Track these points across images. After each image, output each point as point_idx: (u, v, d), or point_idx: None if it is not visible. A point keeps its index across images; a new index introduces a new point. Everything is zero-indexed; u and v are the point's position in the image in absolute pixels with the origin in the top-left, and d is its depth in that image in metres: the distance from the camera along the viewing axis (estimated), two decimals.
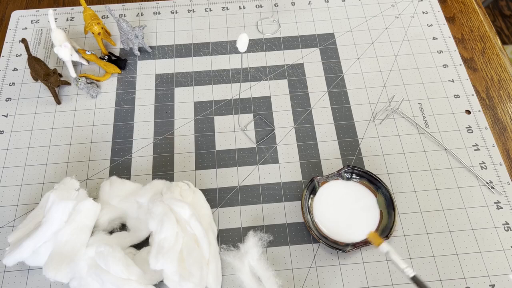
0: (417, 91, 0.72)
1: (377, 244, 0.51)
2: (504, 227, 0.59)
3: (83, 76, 0.72)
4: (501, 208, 0.61)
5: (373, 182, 0.60)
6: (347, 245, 0.56)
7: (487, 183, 0.62)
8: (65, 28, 0.80)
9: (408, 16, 0.81)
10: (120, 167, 0.65)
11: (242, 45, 0.50)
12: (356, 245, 0.56)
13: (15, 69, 0.75)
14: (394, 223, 0.57)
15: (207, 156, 0.66)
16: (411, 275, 0.47)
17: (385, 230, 0.57)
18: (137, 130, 0.68)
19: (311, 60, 0.75)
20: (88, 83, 0.70)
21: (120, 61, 0.74)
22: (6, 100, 0.72)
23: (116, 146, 0.67)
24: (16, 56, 0.76)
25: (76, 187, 0.57)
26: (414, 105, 0.70)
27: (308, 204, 0.59)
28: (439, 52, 0.76)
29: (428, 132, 0.67)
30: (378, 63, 0.75)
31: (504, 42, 1.78)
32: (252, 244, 0.55)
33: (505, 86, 0.73)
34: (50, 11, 0.70)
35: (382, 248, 0.50)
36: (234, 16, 0.81)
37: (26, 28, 0.80)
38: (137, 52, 0.75)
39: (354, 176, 0.61)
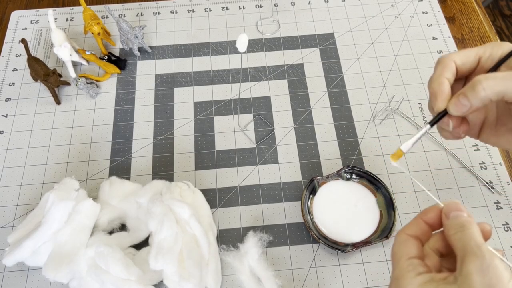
0: (417, 91, 0.71)
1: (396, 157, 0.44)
2: (504, 227, 0.59)
3: (83, 76, 0.72)
4: (501, 208, 0.61)
5: (373, 182, 0.60)
6: (347, 245, 0.56)
7: (487, 183, 0.62)
8: (65, 28, 0.80)
9: (408, 16, 0.81)
10: (120, 167, 0.65)
11: (242, 45, 0.50)
12: (356, 245, 0.56)
13: (15, 69, 0.75)
14: (394, 223, 0.57)
15: (207, 156, 0.66)
16: (428, 127, 0.43)
17: (385, 230, 0.57)
18: (137, 130, 0.68)
19: (311, 60, 0.75)
20: (87, 83, 0.70)
21: (119, 61, 0.74)
22: (6, 100, 0.71)
23: (116, 146, 0.67)
24: (16, 56, 0.76)
25: (76, 187, 0.57)
26: (414, 105, 0.70)
27: (308, 204, 0.59)
28: (439, 52, 0.76)
29: (428, 132, 0.67)
30: (378, 63, 0.75)
31: None
32: (252, 244, 0.55)
33: None
34: (50, 11, 0.70)
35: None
36: (234, 16, 0.81)
37: (25, 28, 0.80)
38: (136, 52, 0.75)
39: (354, 176, 0.61)
